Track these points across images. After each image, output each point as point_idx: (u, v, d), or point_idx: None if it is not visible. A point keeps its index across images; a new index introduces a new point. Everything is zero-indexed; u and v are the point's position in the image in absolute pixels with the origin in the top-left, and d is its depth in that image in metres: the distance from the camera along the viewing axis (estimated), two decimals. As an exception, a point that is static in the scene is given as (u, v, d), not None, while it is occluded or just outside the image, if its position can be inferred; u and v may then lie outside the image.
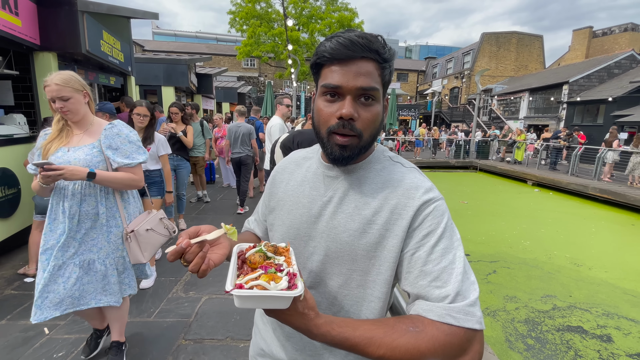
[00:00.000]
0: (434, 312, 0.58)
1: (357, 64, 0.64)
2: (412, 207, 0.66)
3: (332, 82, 0.64)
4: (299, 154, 0.88)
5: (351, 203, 0.70)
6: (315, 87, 0.73)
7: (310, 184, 0.77)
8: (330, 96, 0.66)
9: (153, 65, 8.29)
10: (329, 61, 0.65)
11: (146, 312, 2.62)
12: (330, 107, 0.66)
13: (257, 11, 22.86)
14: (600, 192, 9.07)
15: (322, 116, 0.67)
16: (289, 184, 0.82)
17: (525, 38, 29.37)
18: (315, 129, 0.71)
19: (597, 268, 4.94)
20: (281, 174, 0.86)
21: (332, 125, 0.66)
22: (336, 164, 0.71)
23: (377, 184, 0.71)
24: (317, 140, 0.73)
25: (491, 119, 26.16)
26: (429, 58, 38.57)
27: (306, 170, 0.81)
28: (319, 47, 0.68)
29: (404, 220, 0.65)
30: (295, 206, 0.77)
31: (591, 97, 18.19)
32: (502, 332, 3.36)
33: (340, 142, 0.66)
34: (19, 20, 3.59)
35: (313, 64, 0.70)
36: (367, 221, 0.67)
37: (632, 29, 25.14)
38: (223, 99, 15.23)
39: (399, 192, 0.68)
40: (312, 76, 0.80)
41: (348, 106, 0.63)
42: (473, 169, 15.02)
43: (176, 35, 43.04)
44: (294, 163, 0.86)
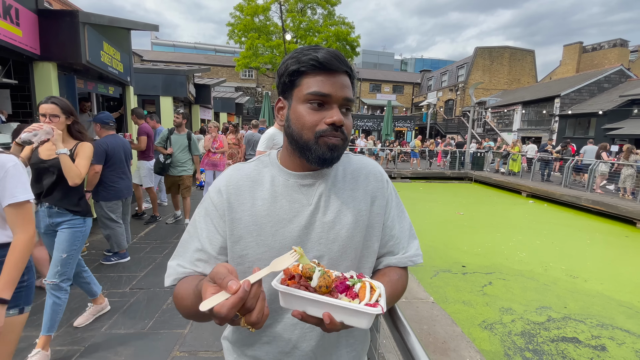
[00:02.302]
0: (401, 262, 0.81)
1: (341, 77, 0.71)
2: (383, 188, 0.82)
3: (322, 90, 0.68)
4: (243, 169, 0.78)
5: (337, 201, 0.76)
6: (282, 95, 0.75)
7: (287, 198, 0.74)
8: (318, 104, 0.69)
9: (152, 76, 8.35)
10: (316, 70, 0.69)
11: (140, 324, 2.58)
12: (315, 114, 0.69)
13: (255, 24, 23.21)
14: (593, 204, 9.17)
15: (307, 122, 0.69)
16: (255, 205, 0.73)
17: (517, 52, 30.04)
18: (293, 136, 0.72)
19: (592, 280, 4.97)
20: (237, 195, 0.74)
21: (321, 130, 0.69)
22: (325, 164, 0.72)
23: (349, 177, 0.80)
24: (295, 145, 0.72)
25: (485, 131, 26.51)
26: (424, 71, 39.20)
27: (271, 185, 0.75)
28: (299, 56, 0.70)
29: (382, 200, 0.81)
30: (278, 225, 0.72)
31: (582, 111, 18.56)
32: (501, 346, 3.35)
33: (333, 142, 0.69)
34: (19, 30, 3.63)
35: (293, 71, 0.70)
36: (358, 211, 0.77)
37: (621, 45, 25.82)
38: (221, 109, 15.30)
39: (371, 179, 0.82)
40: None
41: (338, 113, 0.69)
42: (468, 180, 15.14)
43: (175, 45, 43.42)
44: (248, 179, 0.76)
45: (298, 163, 0.76)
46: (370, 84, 36.42)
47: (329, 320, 0.55)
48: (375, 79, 36.60)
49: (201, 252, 0.73)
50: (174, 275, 0.74)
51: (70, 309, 2.72)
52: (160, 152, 4.67)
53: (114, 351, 2.26)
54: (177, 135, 4.74)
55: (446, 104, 32.11)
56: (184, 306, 0.68)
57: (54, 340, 2.34)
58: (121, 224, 3.65)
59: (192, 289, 0.64)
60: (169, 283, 0.74)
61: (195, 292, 0.61)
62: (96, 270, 3.47)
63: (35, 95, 4.06)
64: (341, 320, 0.56)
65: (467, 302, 4.20)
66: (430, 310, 3.18)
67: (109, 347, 2.30)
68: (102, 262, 3.65)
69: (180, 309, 0.70)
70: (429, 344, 2.83)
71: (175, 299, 0.71)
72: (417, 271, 5.04)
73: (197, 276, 0.72)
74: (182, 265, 0.73)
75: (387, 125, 17.40)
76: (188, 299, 0.65)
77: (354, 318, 0.55)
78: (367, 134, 21.90)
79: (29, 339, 2.32)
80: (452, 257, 5.67)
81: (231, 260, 0.74)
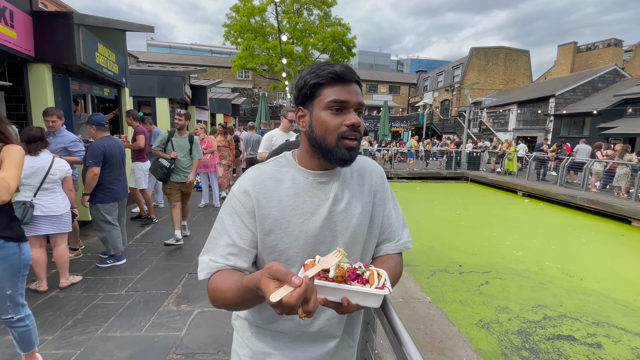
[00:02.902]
0: (397, 249, 0.97)
1: (353, 86, 0.83)
2: (383, 183, 0.97)
3: (341, 97, 0.80)
4: (264, 170, 0.87)
5: (348, 194, 0.89)
6: (302, 105, 0.86)
7: (308, 193, 0.85)
8: (337, 110, 0.81)
9: (147, 77, 8.31)
10: (333, 81, 0.81)
11: (136, 326, 2.57)
12: (336, 118, 0.81)
13: (251, 25, 23.19)
14: (588, 203, 9.24)
15: (330, 126, 0.81)
16: (281, 202, 0.83)
17: (512, 53, 30.22)
18: (317, 139, 0.82)
19: (588, 279, 5.00)
20: (264, 193, 0.83)
21: (343, 131, 0.80)
22: (345, 164, 0.83)
23: (356, 174, 0.93)
24: (318, 148, 0.83)
25: (481, 131, 26.64)
26: (420, 71, 39.33)
27: (293, 183, 0.85)
28: (318, 71, 0.82)
29: (382, 194, 0.96)
30: (303, 217, 0.83)
31: (577, 110, 18.70)
32: (498, 346, 3.36)
33: (351, 144, 0.81)
34: (14, 32, 3.61)
35: (313, 85, 0.82)
36: (365, 203, 0.91)
37: (615, 45, 26.04)
38: (217, 110, 15.25)
39: (373, 175, 0.96)
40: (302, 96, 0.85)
41: (356, 116, 0.82)
42: (464, 179, 15.20)
43: (171, 47, 43.28)
44: (271, 179, 0.85)
45: (316, 163, 0.87)
46: (367, 85, 36.50)
47: (347, 303, 0.67)
48: (372, 80, 36.68)
49: (232, 247, 0.82)
50: (207, 270, 0.81)
51: (66, 312, 2.71)
52: (162, 156, 4.10)
53: (110, 354, 2.25)
54: (179, 138, 4.23)
55: (442, 104, 32.23)
56: (224, 299, 0.75)
57: (49, 343, 2.32)
58: (117, 226, 3.63)
59: (234, 283, 0.72)
60: (203, 277, 0.81)
61: (240, 286, 0.70)
62: (92, 273, 3.46)
63: (29, 97, 4.04)
64: (356, 302, 0.68)
65: (464, 301, 4.22)
66: (427, 310, 3.19)
67: (105, 351, 2.28)
68: (97, 264, 3.63)
69: (219, 300, 0.77)
70: (426, 343, 2.84)
71: (213, 292, 0.77)
72: (413, 271, 5.05)
73: (231, 270, 0.80)
74: (214, 260, 0.81)
75: (384, 125, 17.45)
76: (229, 292, 0.73)
77: (367, 300, 0.69)
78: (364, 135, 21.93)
79: (24, 343, 2.30)
80: (449, 257, 5.69)
81: (262, 250, 0.84)
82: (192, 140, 4.32)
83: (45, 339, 2.36)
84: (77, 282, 3.22)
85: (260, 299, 0.69)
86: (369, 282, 0.69)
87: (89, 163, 3.31)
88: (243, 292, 0.70)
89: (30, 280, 3.14)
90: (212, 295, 0.79)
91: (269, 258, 0.84)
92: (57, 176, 2.90)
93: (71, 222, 3.12)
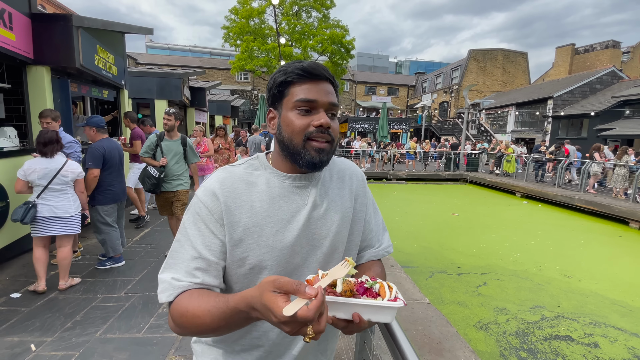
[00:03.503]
0: (379, 254, 0.91)
1: (324, 84, 0.76)
2: (364, 187, 0.92)
3: (308, 96, 0.73)
4: (235, 171, 0.79)
5: (327, 199, 0.82)
6: (272, 106, 0.80)
7: (284, 199, 0.77)
8: (305, 110, 0.74)
9: (146, 79, 8.33)
10: (302, 79, 0.74)
11: (135, 328, 2.57)
12: (303, 119, 0.74)
13: (250, 27, 23.22)
14: (586, 204, 9.27)
15: (296, 127, 0.73)
16: (254, 207, 0.74)
17: (510, 55, 30.35)
18: (284, 142, 0.76)
19: (587, 280, 5.02)
20: (234, 198, 0.74)
21: (310, 131, 0.73)
22: (315, 168, 0.75)
23: (335, 177, 0.87)
24: (287, 151, 0.76)
25: (480, 133, 26.71)
26: (418, 73, 39.45)
27: (267, 187, 0.77)
28: (286, 68, 0.76)
29: (364, 198, 0.90)
30: (278, 225, 0.75)
31: (575, 112, 18.78)
32: (497, 347, 3.37)
33: (319, 146, 0.73)
34: (13, 34, 3.62)
35: (281, 82, 0.75)
36: (346, 208, 0.85)
37: (613, 46, 26.17)
38: (216, 112, 15.27)
39: (354, 179, 0.90)
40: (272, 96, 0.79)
41: (326, 117, 0.74)
42: (463, 181, 15.23)
43: (170, 48, 43.32)
44: (242, 182, 0.77)
45: (290, 166, 0.79)
46: (366, 87, 36.57)
47: (359, 320, 0.60)
48: (371, 82, 36.76)
49: (199, 260, 0.70)
50: (170, 290, 0.69)
51: (65, 314, 2.71)
52: (151, 164, 3.62)
53: (109, 356, 2.25)
54: (170, 142, 3.71)
55: (441, 105, 32.31)
56: (198, 324, 0.64)
57: (48, 345, 2.32)
58: (116, 228, 3.64)
59: (214, 305, 0.62)
60: (166, 299, 0.69)
61: (225, 308, 0.61)
62: (91, 275, 3.46)
63: (28, 99, 4.04)
64: (368, 318, 0.62)
65: (462, 302, 4.23)
66: (426, 311, 3.19)
67: (104, 352, 2.28)
68: (96, 266, 3.63)
69: (189, 326, 0.65)
70: (424, 344, 2.85)
71: (182, 317, 0.65)
72: (412, 272, 5.06)
73: (201, 290, 0.68)
74: (177, 278, 0.69)
75: (383, 127, 17.47)
76: (207, 316, 0.62)
77: (380, 314, 0.62)
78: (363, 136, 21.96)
79: (24, 344, 2.30)
80: (447, 258, 5.70)
81: (231, 264, 0.74)
82: (186, 143, 3.78)
83: (44, 341, 2.36)
84: (76, 284, 3.23)
85: (249, 320, 0.61)
86: (380, 295, 0.63)
87: (89, 165, 3.32)
88: (229, 315, 0.61)
89: (29, 282, 3.16)
90: (179, 321, 0.66)
91: (237, 272, 0.75)
92: (69, 178, 3.00)
93: (81, 224, 3.16)
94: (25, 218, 2.77)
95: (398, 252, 5.88)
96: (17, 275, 3.37)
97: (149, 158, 3.65)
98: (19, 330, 2.47)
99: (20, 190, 2.86)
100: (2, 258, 3.56)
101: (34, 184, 2.86)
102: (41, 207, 2.86)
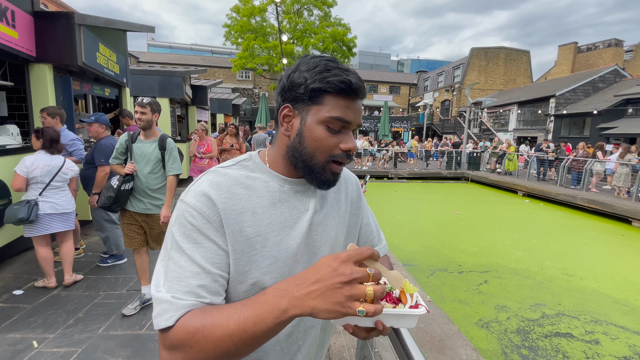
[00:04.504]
0: (382, 252, 0.93)
1: (359, 103, 0.70)
2: (359, 191, 0.91)
3: (347, 117, 0.67)
4: (230, 174, 0.70)
5: (326, 204, 0.79)
6: (294, 107, 0.69)
7: (285, 204, 0.71)
8: (334, 128, 0.67)
9: (148, 77, 8.33)
10: (342, 93, 0.66)
11: (137, 325, 2.59)
12: (333, 138, 0.67)
13: (252, 25, 23.23)
14: (588, 203, 9.24)
15: (323, 145, 0.67)
16: (256, 214, 0.67)
17: (512, 53, 30.22)
18: (302, 154, 0.69)
19: (589, 278, 5.01)
20: (233, 204, 0.65)
21: (336, 154, 0.69)
22: (325, 187, 0.72)
23: None
24: (302, 164, 0.69)
25: (482, 131, 26.64)
26: (420, 72, 39.34)
27: (267, 192, 0.70)
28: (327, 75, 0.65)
29: (359, 202, 0.90)
30: (282, 233, 0.69)
31: (577, 110, 18.70)
32: (499, 345, 3.37)
33: (338, 170, 0.71)
34: (15, 32, 3.62)
35: (315, 89, 0.66)
36: (342, 213, 0.83)
37: (616, 45, 26.03)
38: (218, 111, 15.27)
39: (349, 183, 0.88)
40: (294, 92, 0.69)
41: (354, 141, 0.71)
42: (464, 180, 15.21)
43: (171, 47, 43.33)
44: (240, 186, 0.68)
45: (290, 170, 0.73)
46: (367, 85, 36.49)
47: (382, 327, 0.58)
48: (372, 80, 36.70)
49: (202, 276, 0.60)
50: (172, 312, 0.56)
51: (67, 311, 2.72)
52: (118, 173, 2.69)
53: (111, 352, 2.26)
54: (143, 143, 2.69)
55: (442, 104, 32.23)
56: (219, 336, 0.52)
57: (51, 342, 2.33)
58: (119, 225, 3.65)
59: (237, 308, 0.54)
60: (165, 323, 0.55)
61: (254, 304, 0.53)
62: (93, 272, 3.47)
63: (31, 97, 4.05)
64: (391, 325, 0.60)
65: (463, 300, 4.23)
66: (427, 309, 3.20)
67: (106, 349, 2.30)
68: (98, 264, 3.64)
69: (207, 343, 0.53)
70: (426, 342, 2.85)
71: (197, 335, 0.53)
72: (413, 270, 5.06)
73: (217, 307, 0.57)
74: (179, 297, 0.57)
75: (384, 125, 17.46)
76: (233, 321, 0.53)
77: (402, 321, 0.61)
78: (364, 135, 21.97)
79: (26, 341, 2.32)
80: (449, 257, 5.70)
81: (231, 280, 0.65)
82: (165, 146, 2.68)
83: (47, 337, 2.37)
84: (79, 281, 3.24)
85: (281, 322, 0.52)
86: (401, 300, 0.62)
87: (101, 162, 3.33)
88: (262, 305, 0.53)
89: (31, 279, 3.18)
90: (190, 341, 0.53)
91: (237, 289, 0.65)
92: (69, 176, 3.06)
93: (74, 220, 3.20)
94: (31, 216, 2.78)
95: (399, 251, 5.88)
96: (20, 272, 3.39)
97: (119, 165, 2.72)
98: (21, 327, 2.48)
99: (20, 187, 2.83)
100: (4, 255, 3.58)
101: (35, 180, 2.86)
102: (42, 205, 2.87)
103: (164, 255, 0.63)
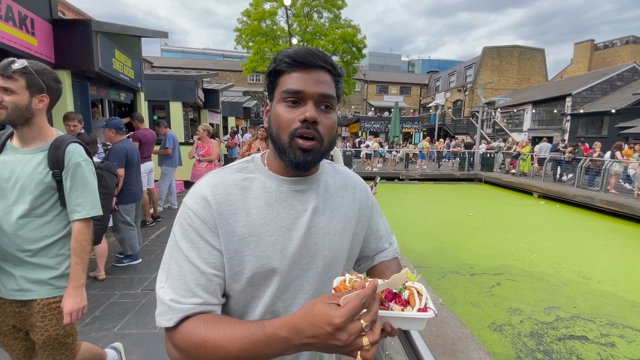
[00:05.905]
0: (391, 255, 0.90)
1: (317, 73, 0.67)
2: (367, 197, 0.86)
3: (294, 87, 0.66)
4: (227, 176, 0.71)
5: (329, 207, 0.76)
6: (268, 97, 0.74)
7: (282, 204, 0.70)
8: (292, 102, 0.67)
9: (161, 82, 8.51)
10: (290, 67, 0.67)
11: (151, 324, 2.64)
12: (291, 112, 0.66)
13: (262, 29, 23.43)
14: (607, 204, 8.98)
15: (282, 121, 0.67)
16: (250, 214, 0.68)
17: (526, 51, 29.66)
18: (273, 137, 0.69)
19: (606, 281, 4.87)
20: (227, 204, 0.67)
21: (295, 127, 0.66)
22: (299, 169, 0.68)
23: (338, 185, 0.82)
24: (277, 149, 0.70)
25: (495, 131, 26.19)
26: (431, 72, 39.00)
27: (263, 192, 0.70)
28: (276, 57, 0.69)
29: (367, 209, 0.86)
30: (277, 233, 0.68)
31: (594, 109, 18.21)
32: (513, 349, 3.31)
33: (304, 145, 0.66)
34: (35, 39, 3.76)
35: (271, 72, 0.69)
36: (347, 218, 0.79)
37: (634, 42, 25.26)
38: (229, 114, 15.47)
39: (357, 188, 0.85)
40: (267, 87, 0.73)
41: (311, 109, 0.65)
42: (478, 181, 14.97)
43: (184, 52, 44.10)
44: (236, 187, 0.69)
45: (284, 167, 0.72)
46: (377, 86, 36.38)
47: (390, 329, 0.59)
48: (382, 81, 36.56)
49: (197, 275, 0.63)
50: (169, 315, 0.61)
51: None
52: None
53: (126, 350, 2.32)
54: (16, 154, 1.32)
55: (454, 104, 31.84)
56: (222, 356, 0.57)
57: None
58: (134, 226, 3.74)
59: (243, 333, 0.56)
60: (165, 323, 0.62)
61: (260, 336, 0.55)
62: (109, 272, 3.56)
63: (50, 102, 4.19)
64: (399, 326, 0.61)
65: (475, 303, 4.17)
66: (439, 312, 3.16)
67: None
68: (114, 264, 3.73)
69: (210, 358, 0.57)
70: (438, 345, 2.82)
71: (200, 349, 0.58)
72: (425, 273, 5.01)
73: (218, 317, 0.62)
74: (176, 300, 0.62)
75: (395, 126, 17.35)
76: (235, 347, 0.56)
77: (410, 324, 0.62)
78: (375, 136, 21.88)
79: (46, 338, 2.39)
80: (461, 259, 5.62)
81: (227, 280, 0.68)
82: (61, 159, 1.33)
83: (66, 335, 2.44)
84: (101, 280, 3.38)
85: (286, 351, 0.55)
86: (409, 303, 0.60)
87: (115, 165, 3.43)
88: (264, 344, 0.55)
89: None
90: (194, 352, 0.58)
91: (233, 288, 0.68)
92: None
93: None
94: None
95: (410, 252, 5.84)
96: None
97: None
98: (42, 324, 2.56)
99: None
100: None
101: None
102: None
103: (167, 253, 0.67)
